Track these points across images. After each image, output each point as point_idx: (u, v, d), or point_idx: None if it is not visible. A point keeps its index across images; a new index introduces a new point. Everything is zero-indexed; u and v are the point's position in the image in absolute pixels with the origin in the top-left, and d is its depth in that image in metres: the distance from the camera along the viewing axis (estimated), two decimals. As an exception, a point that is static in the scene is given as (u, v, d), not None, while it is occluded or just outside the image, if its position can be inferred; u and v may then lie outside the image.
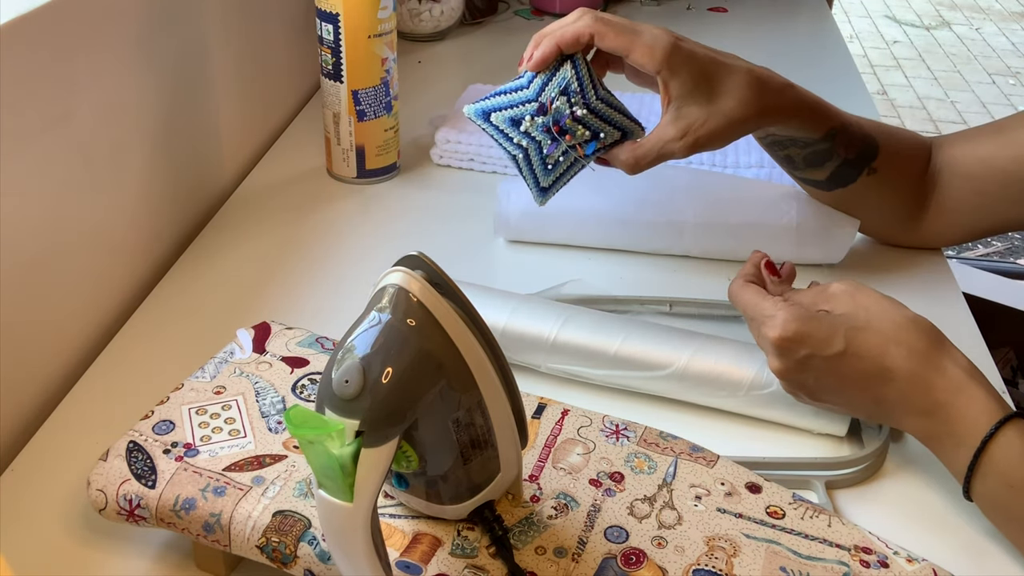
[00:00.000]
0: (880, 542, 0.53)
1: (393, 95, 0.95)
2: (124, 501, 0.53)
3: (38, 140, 0.66)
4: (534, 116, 0.70)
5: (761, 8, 1.52)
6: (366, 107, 0.93)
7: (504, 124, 0.71)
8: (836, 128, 0.77)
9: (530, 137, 0.70)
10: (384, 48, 0.92)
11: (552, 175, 0.72)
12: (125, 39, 0.77)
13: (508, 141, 0.71)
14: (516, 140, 0.71)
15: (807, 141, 0.77)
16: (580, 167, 0.73)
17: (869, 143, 0.79)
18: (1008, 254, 2.73)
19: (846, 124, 0.77)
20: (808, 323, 0.60)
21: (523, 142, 0.71)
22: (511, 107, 0.71)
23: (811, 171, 0.80)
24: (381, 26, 0.90)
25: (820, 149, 0.78)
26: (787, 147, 0.79)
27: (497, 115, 0.72)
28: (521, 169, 0.72)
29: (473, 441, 0.49)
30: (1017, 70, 4.03)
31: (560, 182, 0.73)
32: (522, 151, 0.71)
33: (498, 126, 0.71)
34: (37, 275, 0.67)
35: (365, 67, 0.91)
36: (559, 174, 0.72)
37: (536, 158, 0.71)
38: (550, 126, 0.70)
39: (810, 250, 0.82)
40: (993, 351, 0.73)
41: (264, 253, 0.86)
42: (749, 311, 0.63)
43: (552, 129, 0.70)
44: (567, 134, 0.70)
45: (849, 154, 0.78)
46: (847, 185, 0.80)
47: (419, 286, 0.45)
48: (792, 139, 0.77)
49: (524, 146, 0.71)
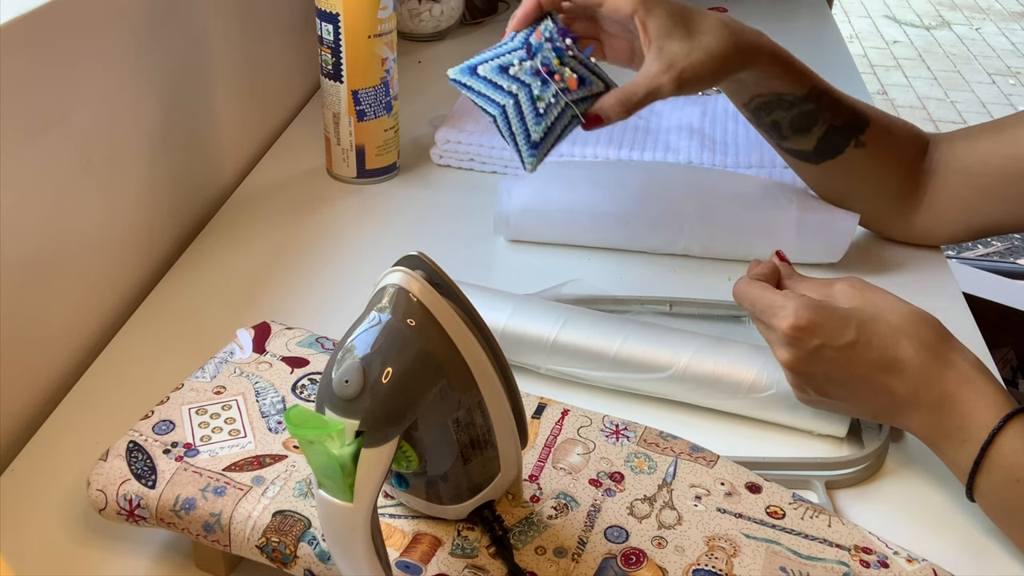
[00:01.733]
0: (880, 542, 0.53)
1: (393, 95, 0.95)
2: (124, 501, 0.53)
3: (38, 140, 0.66)
4: (522, 61, 0.71)
5: (761, 8, 1.52)
6: (366, 107, 0.93)
7: (492, 73, 0.71)
8: (821, 88, 0.78)
9: (519, 82, 0.70)
10: (384, 48, 0.92)
11: (543, 123, 0.70)
12: (125, 39, 0.77)
13: (497, 91, 0.71)
14: (506, 87, 0.70)
15: (792, 100, 0.78)
16: (570, 118, 0.71)
17: (859, 114, 0.80)
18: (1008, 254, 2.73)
19: (831, 89, 0.79)
20: (820, 312, 0.60)
21: (513, 87, 0.70)
22: (499, 55, 0.72)
23: (799, 139, 0.80)
24: (381, 26, 0.90)
25: (806, 110, 0.78)
26: (773, 110, 0.79)
27: (484, 66, 0.72)
28: (512, 123, 0.71)
29: (473, 441, 0.49)
30: (1017, 70, 4.03)
31: (551, 135, 0.71)
32: (512, 98, 0.70)
33: (486, 77, 0.71)
34: (37, 275, 0.67)
35: (365, 67, 0.91)
36: (551, 122, 0.70)
37: (527, 103, 0.70)
38: (539, 68, 0.70)
39: (810, 246, 0.82)
40: (993, 351, 0.74)
41: (264, 253, 0.86)
42: (758, 304, 0.63)
43: (541, 71, 0.70)
44: (555, 75, 0.70)
45: (836, 120, 0.79)
46: (836, 156, 0.80)
47: (419, 286, 0.45)
48: (778, 97, 0.78)
49: (514, 92, 0.70)
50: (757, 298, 0.63)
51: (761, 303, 0.62)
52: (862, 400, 0.61)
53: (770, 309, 0.61)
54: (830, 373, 0.60)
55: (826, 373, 0.60)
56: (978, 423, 0.57)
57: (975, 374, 0.58)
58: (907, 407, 0.60)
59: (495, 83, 0.71)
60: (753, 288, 0.64)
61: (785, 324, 0.59)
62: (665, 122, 1.03)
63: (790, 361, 0.60)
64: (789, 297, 0.61)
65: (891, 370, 0.59)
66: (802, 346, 0.60)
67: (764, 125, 0.81)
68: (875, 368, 0.59)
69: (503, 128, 0.71)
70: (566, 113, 0.71)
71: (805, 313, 0.59)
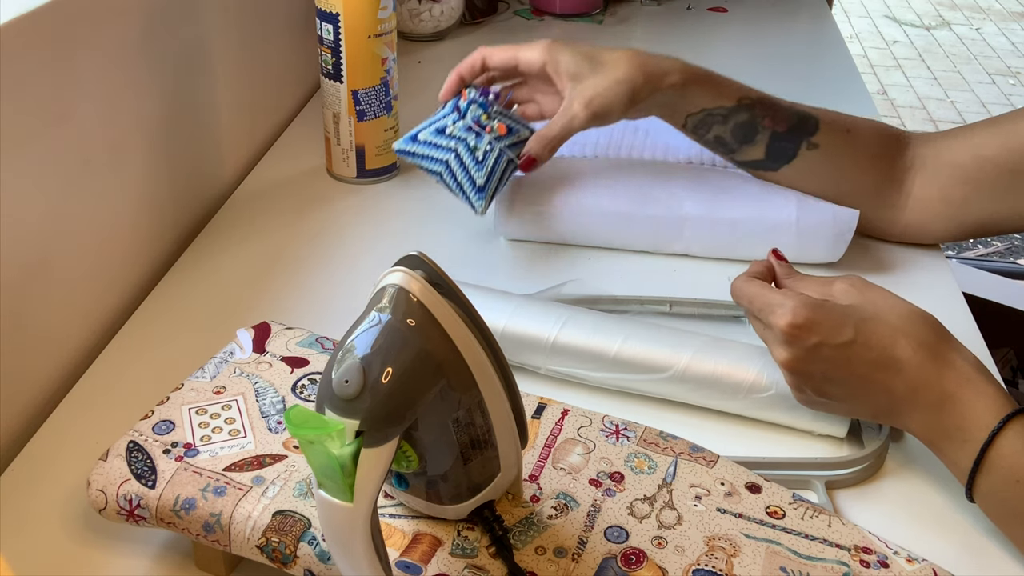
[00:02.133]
0: (880, 542, 0.53)
1: (393, 95, 0.95)
2: (124, 501, 0.53)
3: (38, 140, 0.66)
4: (455, 122, 0.80)
5: (761, 8, 1.52)
6: (366, 107, 0.93)
7: (432, 136, 0.81)
8: (751, 98, 0.80)
9: (456, 138, 0.80)
10: (384, 48, 0.92)
11: (484, 168, 0.79)
12: (125, 39, 0.77)
13: (438, 150, 0.80)
14: (445, 145, 0.80)
15: (723, 112, 0.80)
16: (507, 162, 0.80)
17: (805, 117, 0.81)
18: (1008, 254, 2.73)
19: (765, 97, 0.81)
20: (818, 310, 0.59)
21: (451, 144, 0.80)
22: (434, 123, 0.82)
23: (747, 149, 0.82)
24: (381, 26, 0.90)
25: (742, 120, 0.80)
26: (710, 126, 0.81)
27: (424, 132, 0.82)
28: (456, 174, 0.79)
29: (473, 441, 0.49)
30: (1017, 70, 4.03)
31: (493, 179, 0.79)
32: (452, 153, 0.79)
33: (426, 140, 0.81)
34: (37, 275, 0.67)
35: (365, 67, 0.91)
36: (490, 167, 0.79)
37: (466, 154, 0.79)
38: (471, 124, 0.80)
39: (810, 245, 0.82)
40: (993, 351, 0.73)
41: (264, 253, 0.86)
42: (756, 302, 0.62)
43: (473, 126, 0.80)
44: (486, 127, 0.80)
45: (779, 126, 0.80)
46: (790, 161, 0.81)
47: (419, 286, 0.45)
48: (708, 113, 0.80)
49: (453, 147, 0.79)
50: (755, 296, 0.63)
51: (759, 301, 0.62)
52: (861, 400, 0.61)
53: (768, 307, 0.61)
54: (828, 372, 0.60)
55: (824, 372, 0.60)
56: (978, 423, 0.57)
57: (975, 374, 0.58)
58: (906, 407, 0.59)
59: (436, 144, 0.81)
60: (751, 286, 0.64)
61: (783, 322, 0.59)
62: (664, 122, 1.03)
63: (788, 360, 0.60)
64: (787, 295, 0.61)
65: (889, 369, 0.59)
66: (800, 344, 0.59)
67: (710, 143, 0.83)
68: (873, 367, 0.59)
69: (449, 182, 0.80)
70: (502, 158, 0.79)
71: (803, 311, 0.59)
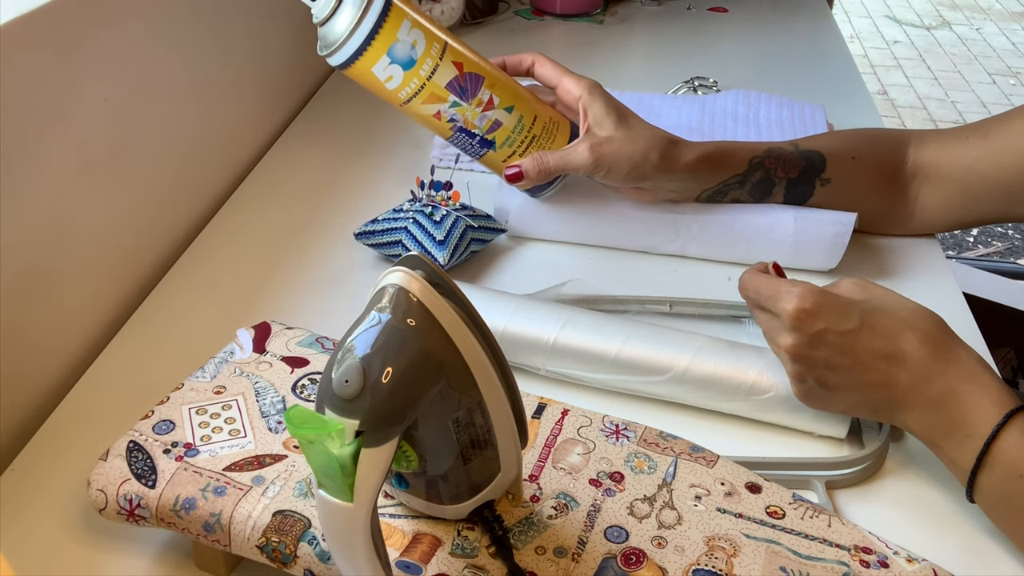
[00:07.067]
0: (880, 542, 0.53)
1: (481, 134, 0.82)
2: (124, 501, 0.53)
3: (38, 140, 0.66)
4: (411, 203, 0.82)
5: (761, 8, 1.52)
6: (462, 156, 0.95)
7: (388, 215, 0.82)
8: (760, 154, 0.82)
9: (414, 211, 0.81)
10: (424, 107, 0.80)
11: (443, 227, 0.79)
12: (125, 38, 0.77)
13: (396, 222, 0.81)
14: (403, 217, 0.81)
15: (738, 179, 0.82)
16: (464, 227, 0.80)
17: (811, 159, 0.82)
18: (1008, 254, 2.73)
19: (772, 148, 0.82)
20: (825, 296, 0.60)
21: (409, 215, 0.81)
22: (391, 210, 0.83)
23: (765, 200, 0.83)
24: (401, 92, 0.79)
25: (757, 180, 0.82)
26: (726, 194, 0.83)
27: (381, 216, 0.82)
28: (415, 236, 0.79)
29: (473, 441, 0.49)
30: (1017, 70, 4.03)
31: (452, 236, 0.79)
32: (410, 219, 0.80)
33: (384, 218, 0.82)
34: (37, 275, 0.67)
35: (431, 127, 0.82)
36: (448, 228, 0.80)
37: (424, 219, 0.80)
38: (427, 202, 0.82)
39: (807, 250, 0.81)
40: (993, 351, 0.73)
41: (264, 253, 0.86)
42: (764, 291, 0.63)
43: (429, 203, 0.82)
44: (443, 201, 0.82)
45: (791, 174, 0.82)
46: (807, 200, 0.83)
47: (419, 286, 0.45)
48: (724, 184, 0.82)
49: (411, 216, 0.81)
50: (764, 284, 0.64)
51: (767, 289, 0.63)
52: (862, 392, 0.61)
53: (777, 294, 0.62)
54: (832, 360, 0.60)
55: (828, 360, 0.60)
56: (981, 419, 0.57)
57: (978, 370, 0.58)
58: (908, 401, 0.60)
59: (393, 218, 0.81)
60: (760, 277, 0.65)
61: (791, 306, 0.60)
62: (664, 122, 1.02)
63: (792, 345, 0.61)
64: (795, 283, 0.62)
65: (893, 360, 0.59)
66: (806, 330, 0.60)
67: (728, 204, 0.84)
68: (877, 357, 0.59)
69: (411, 245, 0.80)
70: (459, 222, 0.80)
71: (811, 296, 0.60)
